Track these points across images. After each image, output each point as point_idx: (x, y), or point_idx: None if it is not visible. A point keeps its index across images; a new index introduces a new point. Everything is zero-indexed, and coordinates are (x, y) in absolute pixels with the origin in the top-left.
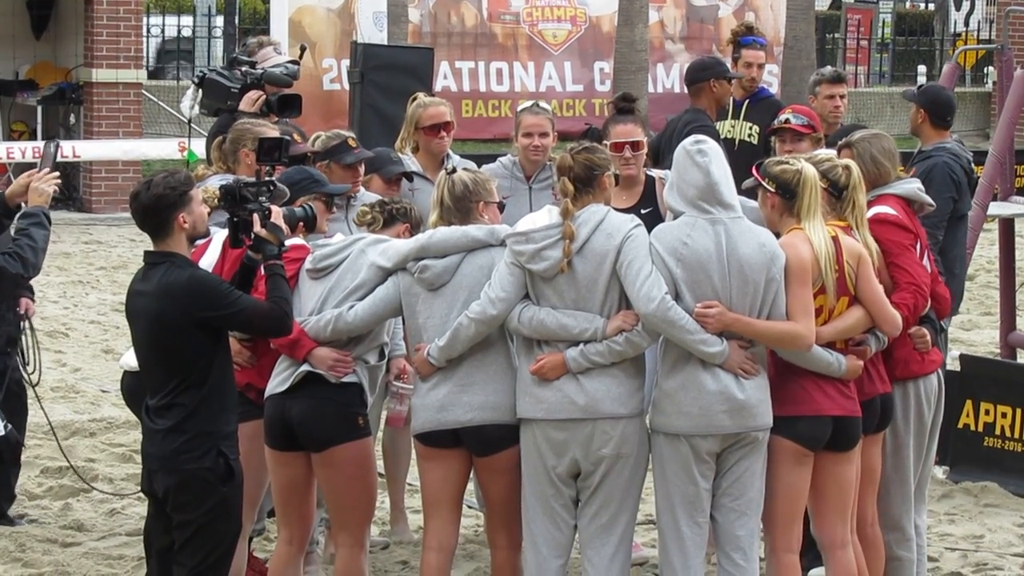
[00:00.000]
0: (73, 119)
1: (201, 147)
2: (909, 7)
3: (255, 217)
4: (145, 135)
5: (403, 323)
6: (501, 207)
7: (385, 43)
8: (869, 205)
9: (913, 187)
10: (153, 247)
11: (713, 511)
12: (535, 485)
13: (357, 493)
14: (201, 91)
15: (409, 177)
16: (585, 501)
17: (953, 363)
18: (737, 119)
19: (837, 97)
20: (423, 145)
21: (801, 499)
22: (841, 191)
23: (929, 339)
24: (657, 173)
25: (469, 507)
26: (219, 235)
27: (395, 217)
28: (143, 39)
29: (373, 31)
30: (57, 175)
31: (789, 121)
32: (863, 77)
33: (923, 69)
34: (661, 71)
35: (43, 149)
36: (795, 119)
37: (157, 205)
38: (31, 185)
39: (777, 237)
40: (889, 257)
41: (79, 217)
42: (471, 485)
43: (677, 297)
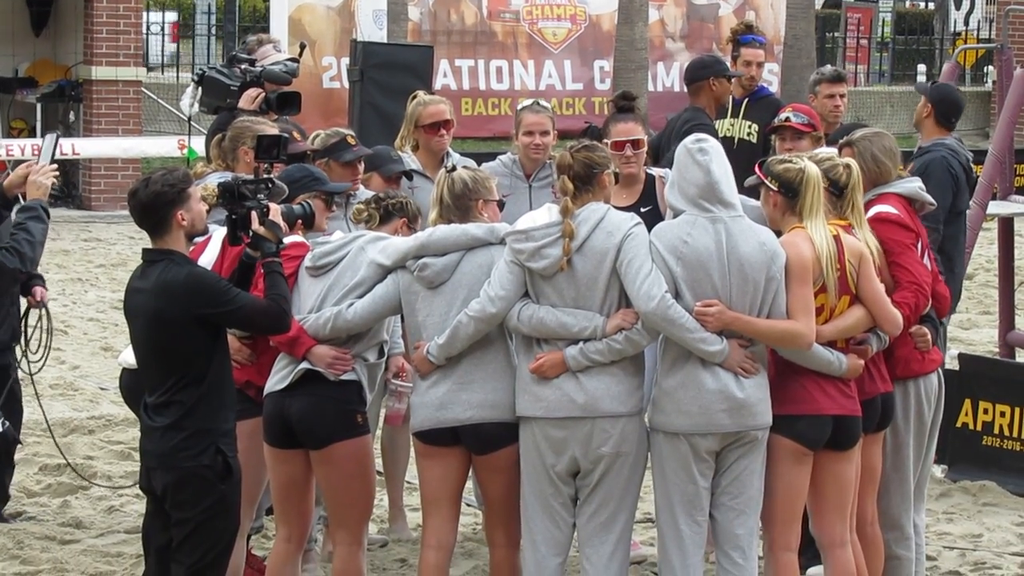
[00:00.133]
0: (72, 116)
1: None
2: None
3: (253, 214)
4: (145, 133)
5: (402, 321)
6: (501, 205)
7: (385, 41)
8: (871, 204)
9: (914, 186)
10: (151, 244)
11: (712, 510)
12: (534, 483)
13: (356, 491)
14: (201, 89)
15: (409, 175)
16: (584, 499)
17: (952, 362)
18: (736, 117)
19: (837, 96)
20: (423, 143)
21: (800, 498)
22: (842, 190)
23: (930, 338)
24: (657, 171)
25: (468, 505)
26: (219, 233)
27: (391, 213)
28: (143, 36)
29: (373, 29)
30: (55, 168)
31: (789, 120)
32: (863, 76)
33: (923, 68)
34: (661, 69)
35: (43, 141)
36: (795, 118)
37: (155, 202)
38: (29, 178)
39: (779, 236)
40: (890, 256)
41: (78, 214)
42: (470, 483)
43: (677, 295)
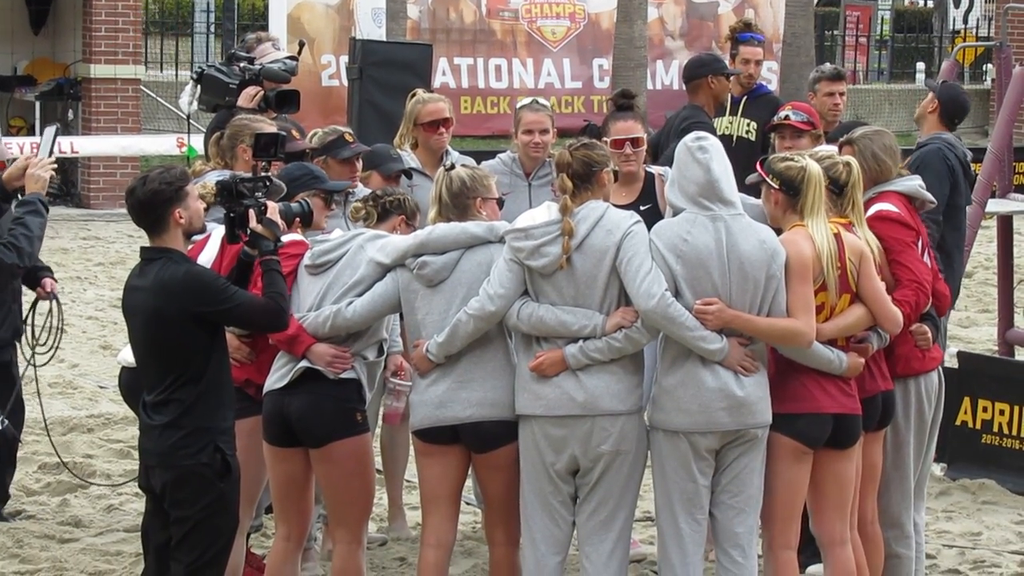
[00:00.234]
0: (71, 115)
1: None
2: (908, 4)
3: (251, 213)
4: (144, 131)
5: (401, 319)
6: (500, 203)
7: (384, 39)
8: (871, 202)
9: (914, 184)
10: (149, 243)
11: (712, 508)
12: (533, 482)
13: (355, 489)
14: (199, 87)
15: (408, 174)
16: (583, 498)
17: (951, 360)
18: (735, 115)
19: (836, 94)
20: (422, 141)
21: (800, 496)
22: (842, 188)
23: (930, 336)
24: (656, 170)
25: (467, 504)
26: (218, 231)
27: (389, 210)
28: (141, 35)
29: (372, 27)
30: (54, 161)
31: (789, 118)
32: (862, 74)
33: (922, 66)
34: (660, 68)
35: (43, 134)
36: (795, 116)
37: (153, 201)
38: (28, 172)
39: (779, 234)
40: (891, 254)
41: (77, 213)
42: (469, 482)
43: (677, 294)
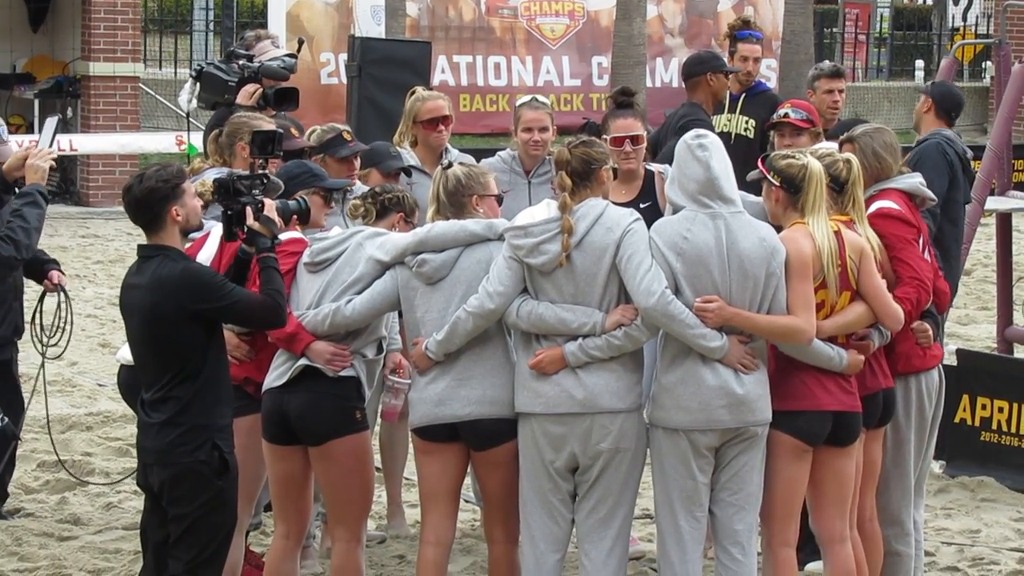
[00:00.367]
0: (70, 112)
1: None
2: (907, 1)
3: (248, 210)
4: (143, 129)
5: (400, 317)
6: (500, 201)
7: (383, 37)
8: (872, 200)
9: (915, 181)
10: (146, 240)
11: (711, 506)
12: (533, 479)
13: (354, 487)
14: (198, 85)
15: (408, 171)
16: (583, 495)
17: (950, 358)
18: (733, 113)
19: (836, 92)
20: (421, 139)
21: (799, 494)
22: (843, 185)
23: (931, 334)
24: (656, 167)
25: (466, 501)
26: (217, 229)
27: (388, 208)
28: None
29: (371, 25)
30: (53, 152)
31: (788, 116)
32: (861, 72)
33: (921, 64)
34: (660, 65)
35: (44, 124)
36: (794, 114)
37: (149, 198)
38: (27, 162)
39: (779, 231)
40: (892, 251)
41: (76, 211)
42: (469, 479)
43: (677, 291)
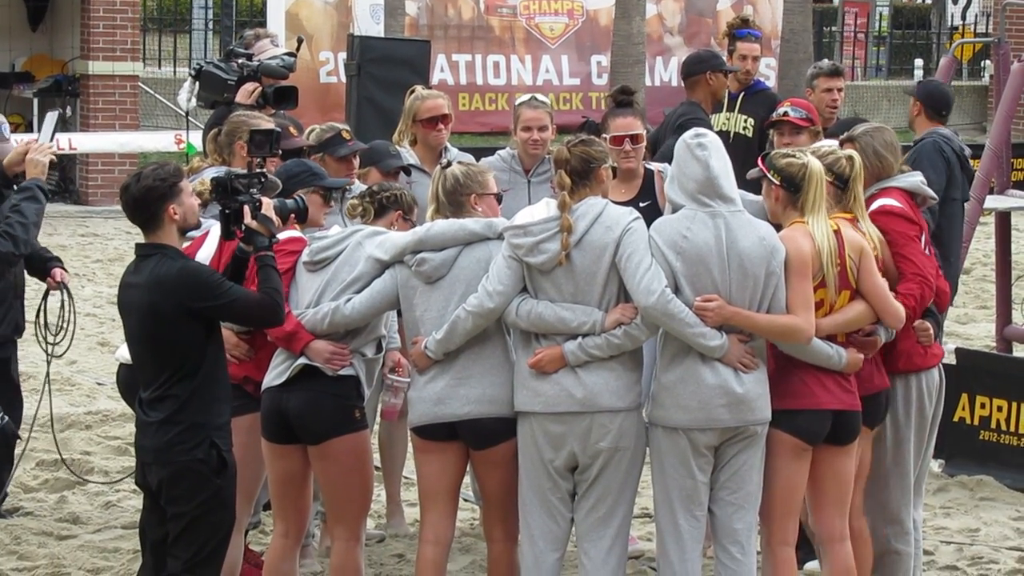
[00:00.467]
0: (69, 111)
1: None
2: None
3: (246, 209)
4: (142, 128)
5: (399, 316)
6: (499, 199)
7: (382, 36)
8: (873, 198)
9: (916, 180)
10: (144, 239)
11: (711, 505)
12: (532, 478)
13: (354, 486)
14: (198, 83)
15: (407, 171)
16: (582, 494)
17: (949, 357)
18: (732, 111)
19: (835, 90)
20: (421, 138)
21: (798, 492)
22: (846, 182)
23: (932, 332)
24: (656, 166)
25: (466, 500)
26: (217, 228)
27: (386, 206)
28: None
29: (370, 24)
30: (52, 146)
31: (788, 114)
32: (860, 70)
33: (920, 63)
34: (660, 64)
35: (45, 119)
36: (794, 112)
37: (147, 197)
38: (27, 157)
39: (779, 230)
40: (895, 248)
41: (75, 209)
42: (468, 478)
43: (677, 290)
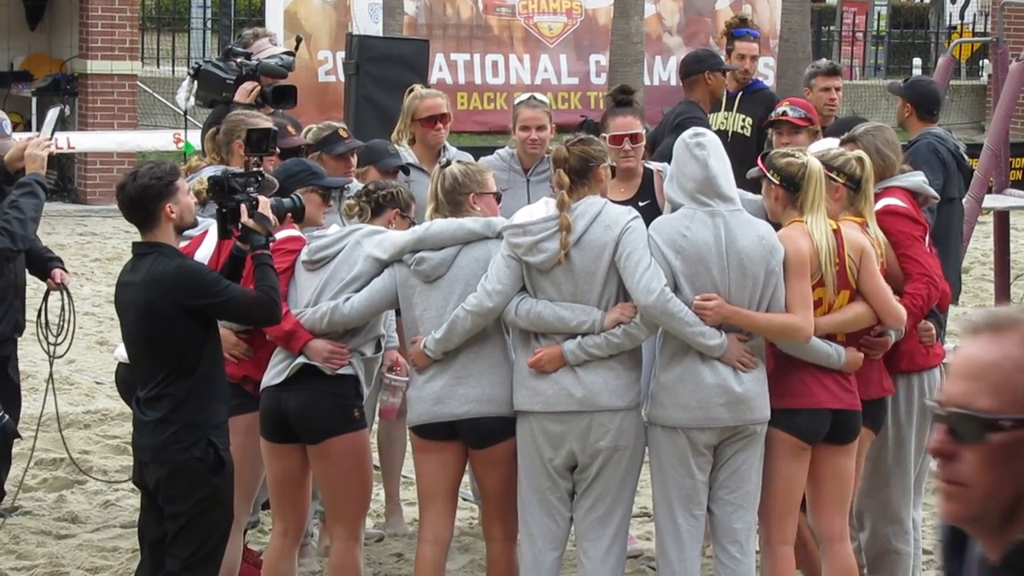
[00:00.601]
0: (68, 111)
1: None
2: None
3: (243, 208)
4: (140, 127)
5: (397, 315)
6: (498, 198)
7: (380, 35)
8: (877, 197)
9: (918, 180)
10: (141, 238)
11: (710, 504)
12: (531, 478)
13: (352, 485)
14: (196, 83)
15: (406, 170)
16: (581, 494)
17: (950, 356)
18: (731, 111)
19: (833, 89)
20: (419, 137)
21: (798, 492)
22: (859, 184)
23: (934, 333)
24: (655, 166)
25: (465, 499)
26: (215, 227)
27: (383, 205)
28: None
29: (369, 23)
30: (50, 141)
31: (786, 114)
32: (858, 70)
33: (918, 62)
34: (658, 63)
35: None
36: (792, 112)
37: (143, 196)
38: (26, 152)
39: (778, 229)
40: (900, 248)
41: (74, 209)
42: (467, 477)
43: (676, 289)
